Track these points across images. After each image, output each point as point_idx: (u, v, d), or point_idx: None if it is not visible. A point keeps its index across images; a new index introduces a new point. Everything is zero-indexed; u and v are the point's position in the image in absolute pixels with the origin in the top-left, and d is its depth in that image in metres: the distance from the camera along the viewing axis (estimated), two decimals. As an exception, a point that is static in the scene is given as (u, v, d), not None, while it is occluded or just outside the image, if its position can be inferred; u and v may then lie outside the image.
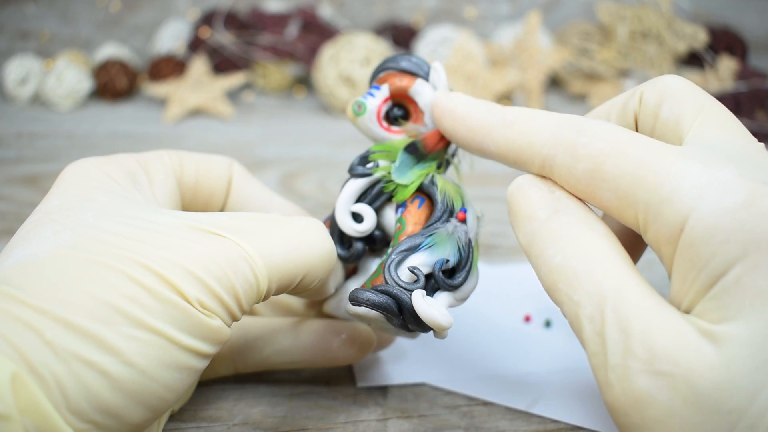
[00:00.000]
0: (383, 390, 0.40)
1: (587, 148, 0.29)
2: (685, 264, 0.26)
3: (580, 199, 0.30)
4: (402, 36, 0.89)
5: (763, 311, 0.24)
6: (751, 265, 0.25)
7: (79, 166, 0.33)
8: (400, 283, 0.32)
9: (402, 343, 0.43)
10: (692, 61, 0.87)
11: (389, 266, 0.33)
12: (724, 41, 0.87)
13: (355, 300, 0.33)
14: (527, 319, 0.46)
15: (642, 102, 0.31)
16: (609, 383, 0.26)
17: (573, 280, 0.28)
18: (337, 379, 0.41)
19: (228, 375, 0.39)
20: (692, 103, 0.30)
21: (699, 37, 0.85)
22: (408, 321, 0.32)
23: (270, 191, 0.40)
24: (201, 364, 0.29)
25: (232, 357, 0.38)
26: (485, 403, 0.39)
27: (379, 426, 0.37)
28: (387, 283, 0.33)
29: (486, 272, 0.52)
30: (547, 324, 0.46)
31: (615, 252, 0.28)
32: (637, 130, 0.32)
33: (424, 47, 0.86)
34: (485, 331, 0.45)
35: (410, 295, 0.32)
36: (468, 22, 0.93)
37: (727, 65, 0.83)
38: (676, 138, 0.30)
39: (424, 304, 0.32)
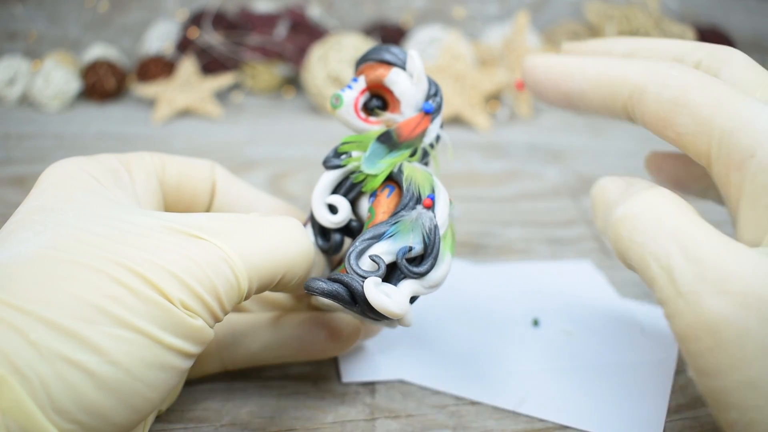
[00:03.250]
0: (371, 390, 0.40)
1: (677, 79, 0.32)
2: (755, 189, 0.29)
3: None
4: (391, 36, 0.89)
5: None
6: None
7: (60, 166, 0.33)
8: (359, 271, 0.32)
9: (389, 341, 0.44)
10: (680, 60, 0.87)
11: (350, 255, 0.33)
12: (712, 41, 0.87)
13: (307, 288, 0.33)
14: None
15: (701, 64, 0.34)
16: (679, 312, 0.27)
17: (636, 224, 0.29)
18: (325, 379, 0.41)
19: (216, 372, 0.39)
20: (754, 75, 0.33)
21: (687, 37, 0.85)
22: (364, 309, 0.32)
23: (256, 190, 0.40)
24: (185, 364, 0.29)
25: (219, 354, 0.38)
26: (473, 403, 0.40)
27: (367, 426, 0.38)
28: (347, 271, 0.33)
29: (474, 272, 0.52)
30: (535, 323, 0.46)
31: (680, 202, 0.30)
32: None
33: (412, 47, 0.86)
34: (472, 331, 0.45)
35: (363, 282, 0.32)
36: (456, 22, 0.94)
37: (714, 65, 0.83)
38: None
39: (375, 292, 0.31)
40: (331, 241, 0.37)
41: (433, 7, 0.94)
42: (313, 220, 0.37)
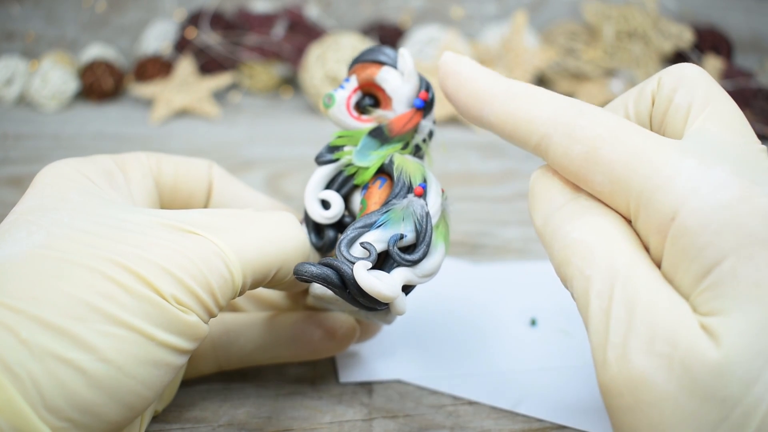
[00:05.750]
0: (368, 390, 0.40)
1: (585, 130, 0.29)
2: (676, 254, 0.26)
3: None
4: (388, 36, 0.89)
5: (761, 301, 0.24)
6: (746, 257, 0.25)
7: (55, 167, 0.33)
8: (349, 257, 0.32)
9: (387, 341, 0.43)
10: (678, 60, 0.87)
11: (341, 242, 0.33)
12: (710, 41, 0.87)
13: (296, 273, 0.33)
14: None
15: (660, 85, 0.31)
16: (607, 362, 0.26)
17: (588, 254, 0.28)
18: (323, 379, 0.41)
19: (211, 372, 0.39)
20: (702, 95, 0.30)
21: (685, 37, 0.85)
22: (354, 294, 0.32)
23: (253, 190, 0.40)
24: (179, 361, 0.29)
25: (214, 354, 0.38)
26: (470, 403, 0.39)
27: (365, 426, 0.37)
28: (337, 258, 0.33)
29: (471, 271, 0.52)
30: (533, 323, 0.46)
31: (629, 236, 0.28)
32: (651, 112, 0.32)
33: (410, 47, 0.86)
34: (470, 330, 0.45)
35: (352, 266, 0.32)
36: (455, 22, 0.93)
37: (712, 65, 0.83)
38: (683, 126, 0.30)
39: (365, 274, 0.31)
40: (325, 238, 0.37)
41: (430, 6, 0.94)
42: (306, 217, 0.37)
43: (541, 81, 0.90)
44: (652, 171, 0.27)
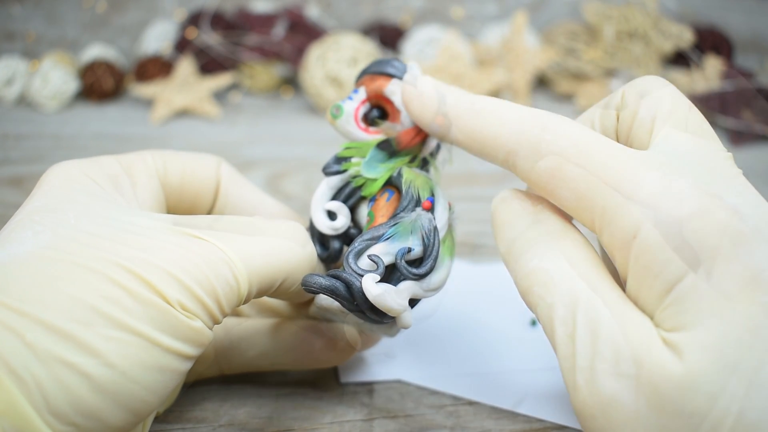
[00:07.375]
0: (369, 390, 0.40)
1: (550, 145, 0.29)
2: (639, 271, 0.27)
3: (559, 210, 0.31)
4: (389, 36, 0.89)
5: (722, 316, 0.25)
6: (705, 272, 0.25)
7: (61, 168, 0.33)
8: (357, 269, 0.32)
9: (387, 341, 0.43)
10: (678, 60, 0.87)
11: (348, 254, 0.33)
12: (710, 41, 0.87)
13: (304, 284, 0.33)
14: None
15: (623, 100, 0.32)
16: (577, 386, 0.27)
17: (547, 282, 0.28)
18: (323, 379, 0.41)
19: (212, 376, 0.39)
20: (666, 106, 0.30)
21: (685, 37, 0.85)
22: (362, 307, 0.32)
23: (261, 192, 0.40)
24: (183, 367, 0.29)
25: (216, 358, 0.38)
26: (471, 403, 0.39)
27: (365, 426, 0.37)
28: (344, 270, 0.33)
29: (471, 271, 0.52)
30: (533, 323, 0.46)
31: (589, 257, 0.29)
32: (617, 128, 0.32)
33: (411, 47, 0.86)
34: (470, 330, 0.45)
35: (361, 279, 0.32)
36: (455, 22, 0.93)
37: (713, 65, 0.83)
38: (648, 139, 0.30)
39: (373, 286, 0.31)
40: (330, 249, 0.37)
41: (431, 7, 0.94)
42: (312, 228, 0.37)
43: (542, 81, 0.90)
44: (615, 186, 0.27)
